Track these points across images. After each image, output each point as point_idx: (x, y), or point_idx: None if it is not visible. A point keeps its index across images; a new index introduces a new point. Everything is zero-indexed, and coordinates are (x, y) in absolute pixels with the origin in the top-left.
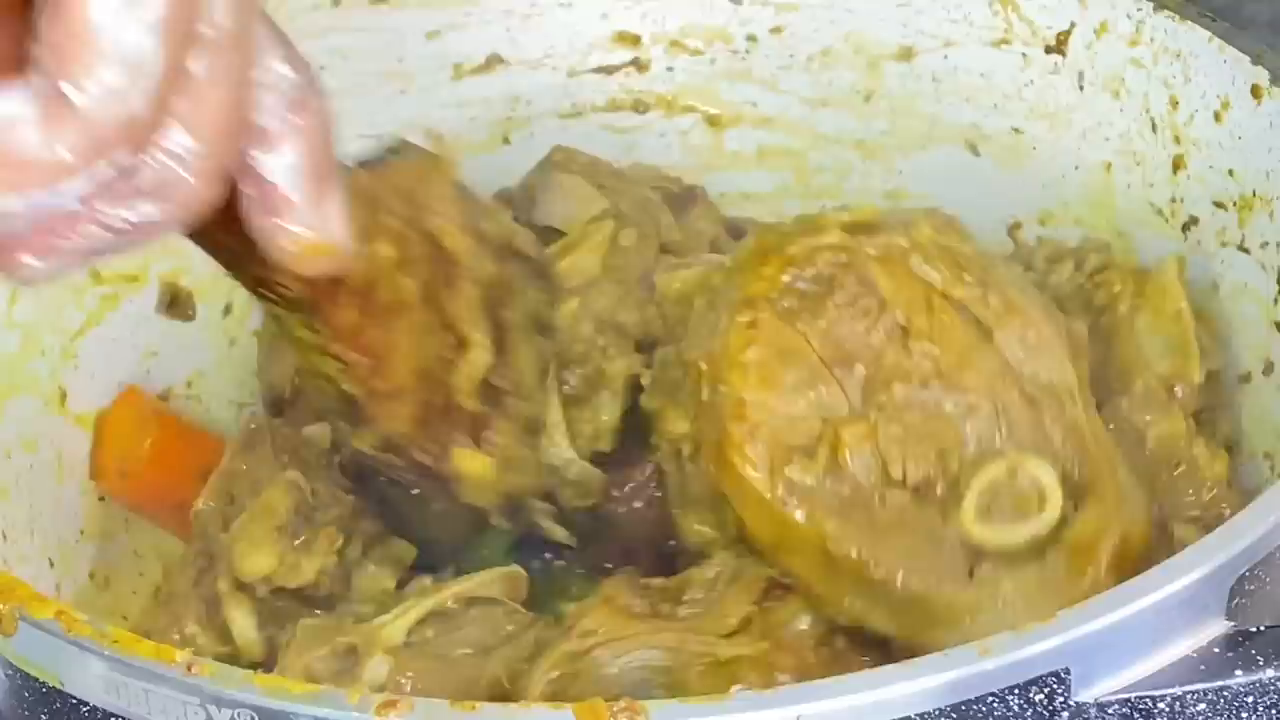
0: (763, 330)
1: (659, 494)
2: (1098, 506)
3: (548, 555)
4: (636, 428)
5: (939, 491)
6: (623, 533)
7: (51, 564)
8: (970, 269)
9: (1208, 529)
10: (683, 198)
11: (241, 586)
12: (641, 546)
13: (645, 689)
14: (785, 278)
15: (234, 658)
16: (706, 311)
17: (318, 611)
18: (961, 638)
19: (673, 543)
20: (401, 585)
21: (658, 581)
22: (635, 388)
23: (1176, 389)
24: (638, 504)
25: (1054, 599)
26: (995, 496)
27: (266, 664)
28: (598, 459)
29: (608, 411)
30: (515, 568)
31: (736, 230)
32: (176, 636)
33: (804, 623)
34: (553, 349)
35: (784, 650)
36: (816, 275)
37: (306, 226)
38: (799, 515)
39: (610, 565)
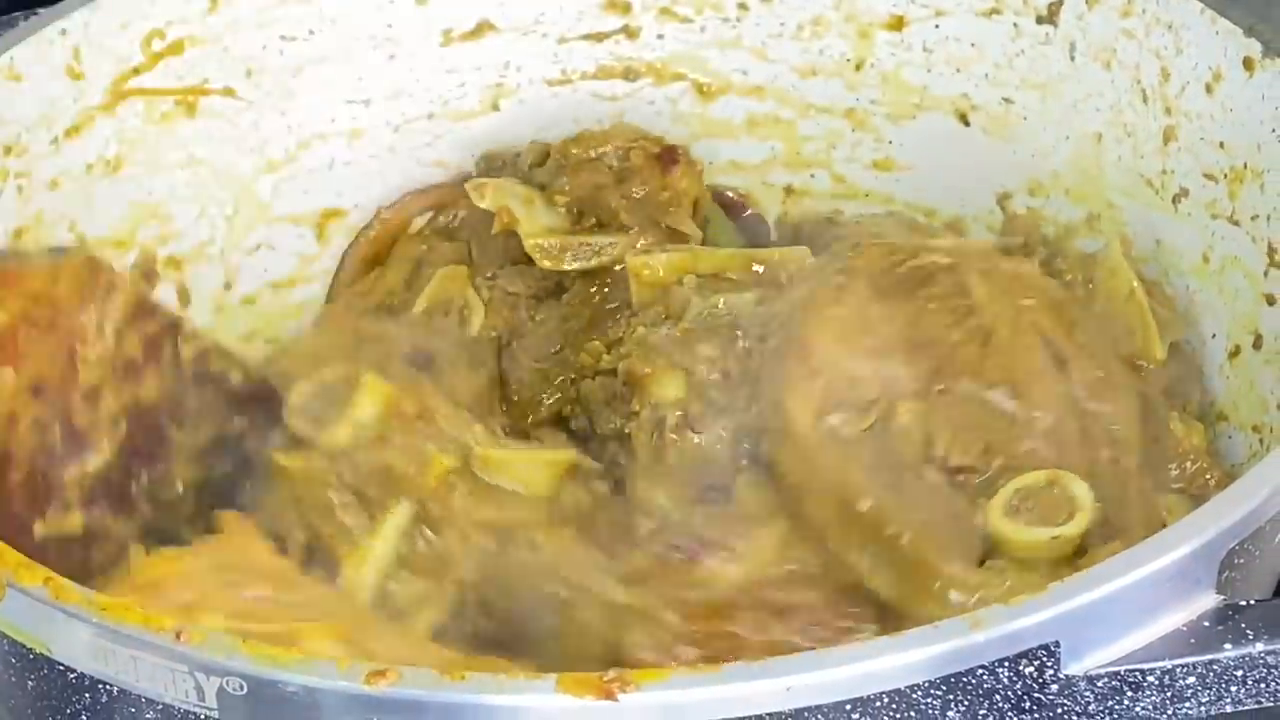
0: (852, 295)
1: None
2: (1125, 542)
3: None
4: None
5: (975, 482)
6: None
7: None
8: (1065, 309)
9: (1193, 498)
10: (664, 157)
11: None
12: None
13: None
14: (886, 262)
15: None
16: (800, 281)
17: None
18: (954, 615)
19: None
20: None
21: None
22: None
23: (1142, 368)
24: None
25: None
26: (1027, 499)
27: None
28: None
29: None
30: None
31: (720, 197)
32: None
33: (700, 592)
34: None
35: (672, 609)
36: (916, 267)
37: None
38: (829, 458)
39: None
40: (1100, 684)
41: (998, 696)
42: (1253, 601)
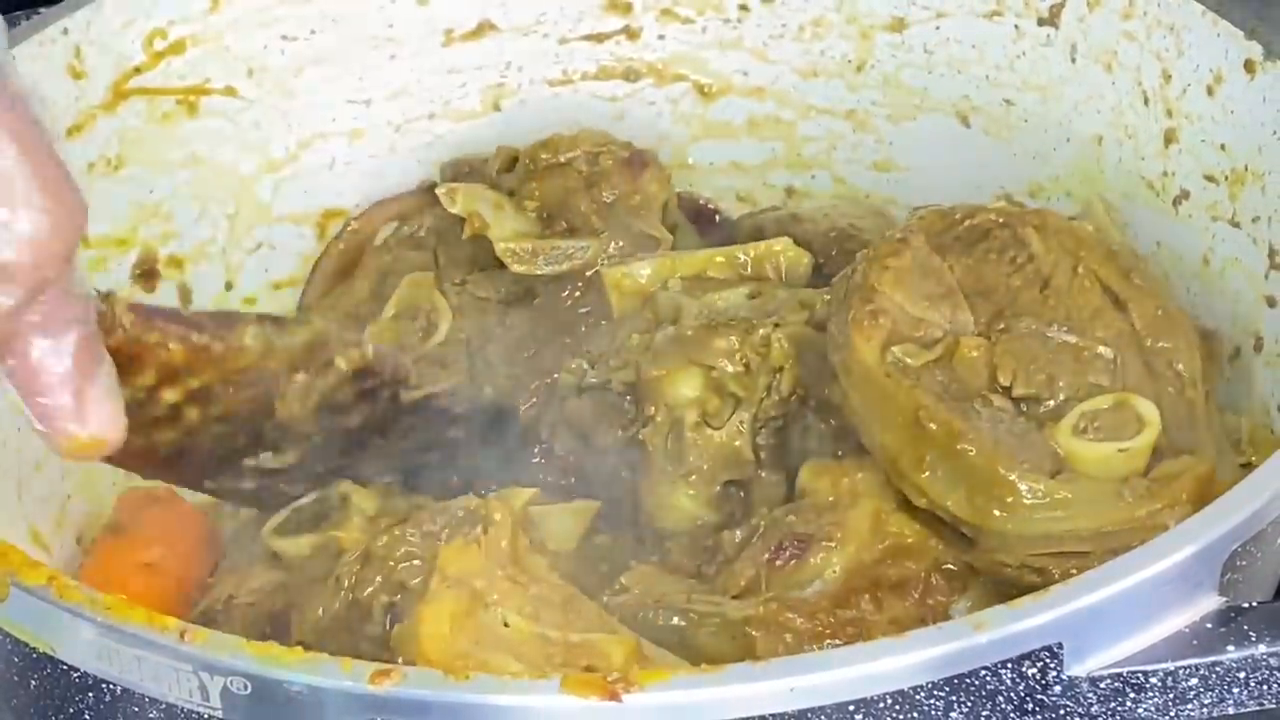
0: (912, 248)
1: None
2: (1197, 459)
3: None
4: None
5: (1041, 411)
6: None
7: (38, 527)
8: (1119, 257)
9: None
10: (634, 161)
11: None
12: None
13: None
14: (943, 223)
15: None
16: (863, 246)
17: None
18: (1026, 531)
19: None
20: None
21: (713, 541)
22: None
23: None
24: None
25: (1123, 513)
26: (1094, 420)
27: None
28: None
29: None
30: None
31: (689, 203)
32: None
33: (816, 586)
34: None
35: (794, 610)
36: (974, 227)
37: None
38: (898, 385)
39: None
40: (1103, 685)
41: (1000, 698)
42: (1255, 604)
